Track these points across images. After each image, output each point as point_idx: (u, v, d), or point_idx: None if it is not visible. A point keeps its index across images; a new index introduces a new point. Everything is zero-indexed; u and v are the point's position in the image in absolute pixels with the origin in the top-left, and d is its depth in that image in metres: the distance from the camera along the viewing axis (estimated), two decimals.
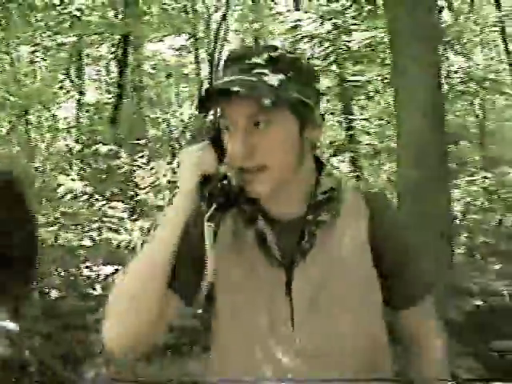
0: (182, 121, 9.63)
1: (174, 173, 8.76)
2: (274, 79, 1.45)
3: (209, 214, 1.48)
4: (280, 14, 12.30)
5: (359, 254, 1.56)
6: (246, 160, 1.46)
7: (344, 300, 1.53)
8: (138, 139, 9.33)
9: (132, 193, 8.58)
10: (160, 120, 9.92)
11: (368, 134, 9.12)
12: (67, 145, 9.40)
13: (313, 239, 1.54)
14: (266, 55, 1.49)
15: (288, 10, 14.36)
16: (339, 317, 1.53)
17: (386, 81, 8.28)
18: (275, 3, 16.01)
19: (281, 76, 1.46)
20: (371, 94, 7.96)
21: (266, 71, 1.46)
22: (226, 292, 1.56)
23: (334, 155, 8.95)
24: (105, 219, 7.60)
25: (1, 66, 11.79)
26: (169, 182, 8.23)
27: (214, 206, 1.49)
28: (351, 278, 1.54)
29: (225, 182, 1.50)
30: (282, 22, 9.41)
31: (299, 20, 8.58)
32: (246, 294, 1.55)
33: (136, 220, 7.94)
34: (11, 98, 11.16)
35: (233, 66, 1.49)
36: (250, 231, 1.56)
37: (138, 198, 8.41)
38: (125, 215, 7.80)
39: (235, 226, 1.59)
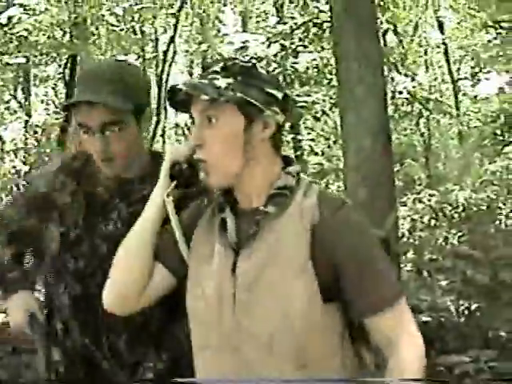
0: None
1: None
2: (222, 82, 1.72)
3: (168, 190, 1.87)
4: (227, 35, 12.40)
5: (295, 248, 1.70)
6: (198, 152, 1.76)
7: (275, 287, 1.70)
8: None
9: None
10: None
11: (316, 153, 9.21)
12: (14, 166, 9.29)
13: (257, 227, 1.74)
14: (221, 64, 1.78)
15: (236, 32, 14.49)
16: (270, 302, 1.70)
17: (332, 101, 8.41)
18: (223, 24, 16.11)
19: (230, 80, 1.73)
20: (318, 114, 8.06)
21: (218, 76, 1.74)
22: (193, 264, 1.84)
23: None
24: None
25: None
26: None
27: (174, 183, 1.87)
28: (284, 269, 1.70)
29: (185, 166, 1.87)
30: (230, 42, 9.48)
31: (247, 41, 8.68)
32: (205, 269, 1.80)
33: None
34: None
35: (201, 74, 1.83)
36: (217, 218, 1.82)
37: None
38: None
39: (211, 212, 1.86)
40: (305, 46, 7.01)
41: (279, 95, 1.76)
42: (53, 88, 15.37)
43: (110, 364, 2.27)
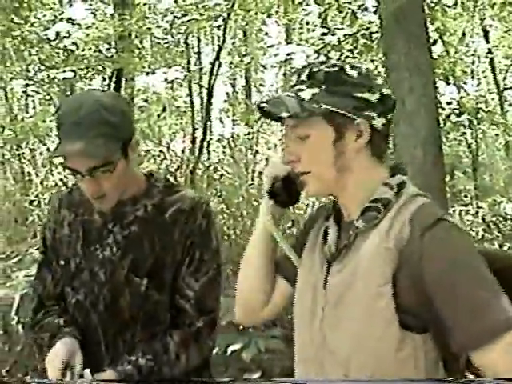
0: (175, 154, 9.64)
1: None
2: (307, 93, 1.66)
3: (267, 207, 1.92)
4: (271, 46, 12.38)
5: (375, 269, 1.61)
6: (293, 166, 1.74)
7: (355, 307, 1.64)
8: None
9: None
10: (155, 153, 9.92)
11: None
12: (61, 179, 9.39)
13: (349, 242, 1.68)
14: (307, 71, 1.71)
15: (279, 43, 14.48)
16: (350, 321, 1.65)
17: None
18: (269, 36, 16.12)
19: (315, 89, 1.66)
20: None
21: (303, 86, 1.68)
22: (300, 273, 1.86)
23: None
24: None
25: None
26: None
27: (272, 201, 1.90)
28: (363, 290, 1.63)
29: (285, 182, 1.84)
30: (275, 54, 9.47)
31: (292, 53, 8.64)
32: (307, 278, 1.81)
33: None
34: (5, 132, 11.16)
35: (291, 84, 1.77)
36: (324, 226, 1.83)
37: None
38: None
39: (321, 222, 1.87)
40: (354, 58, 6.96)
41: (373, 98, 1.67)
42: None
43: None
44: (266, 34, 16.11)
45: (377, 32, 6.49)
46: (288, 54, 8.81)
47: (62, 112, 2.08)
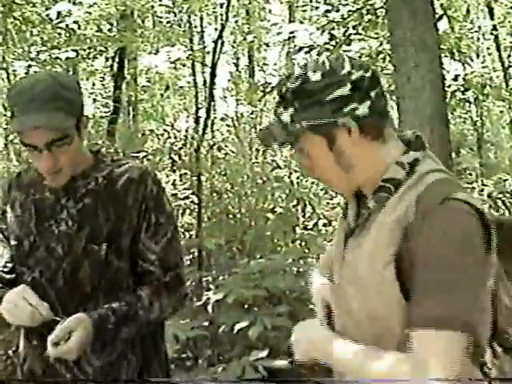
0: (179, 133, 9.62)
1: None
2: (286, 116, 1.69)
3: None
4: (275, 25, 12.31)
5: (382, 247, 1.61)
6: (314, 175, 1.82)
7: (362, 285, 1.67)
8: (136, 152, 9.31)
9: None
10: (159, 132, 9.89)
11: None
12: None
13: (363, 221, 1.71)
14: (279, 93, 1.73)
15: (282, 21, 14.39)
16: (354, 294, 1.70)
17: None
18: (272, 14, 16.03)
19: (290, 110, 1.68)
20: None
21: (281, 109, 1.71)
22: (333, 247, 1.94)
23: None
24: None
25: None
26: None
27: None
28: (369, 267, 1.64)
29: None
30: (278, 33, 9.40)
31: (295, 31, 8.58)
32: (335, 252, 1.88)
33: None
34: (8, 114, 11.11)
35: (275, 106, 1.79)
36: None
37: None
38: None
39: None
40: (358, 34, 6.91)
41: (346, 91, 1.63)
42: (101, 81, 15.44)
43: (71, 373, 2.28)
44: (270, 11, 16.00)
45: (382, 8, 6.45)
46: (291, 33, 8.74)
47: (17, 91, 2.13)
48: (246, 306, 5.37)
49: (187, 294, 2.43)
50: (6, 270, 2.36)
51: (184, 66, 15.23)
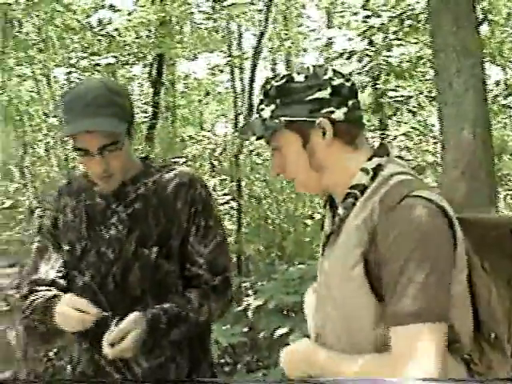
0: (219, 139, 9.65)
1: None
2: (267, 112, 1.77)
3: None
4: (313, 31, 12.31)
5: (350, 252, 1.65)
6: (284, 176, 1.85)
7: (335, 290, 1.72)
8: (176, 157, 9.37)
9: None
10: (199, 138, 9.94)
11: (409, 149, 9.08)
12: None
13: (335, 228, 1.74)
14: (263, 90, 1.81)
15: (319, 27, 14.39)
16: (328, 297, 1.75)
17: (424, 95, 8.23)
18: (310, 19, 16.02)
19: (272, 106, 1.76)
20: (414, 109, 7.89)
21: (263, 106, 1.78)
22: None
23: None
24: None
25: (39, 88, 11.91)
26: None
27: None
28: (340, 272, 1.69)
29: None
30: (317, 39, 9.40)
31: (334, 37, 8.56)
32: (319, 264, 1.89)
33: None
34: (49, 120, 11.26)
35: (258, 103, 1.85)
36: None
37: None
38: None
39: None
40: (399, 39, 6.87)
41: (325, 94, 1.72)
42: (139, 87, 15.58)
43: (121, 373, 2.31)
44: (309, 17, 16.02)
45: (423, 13, 6.41)
46: (330, 38, 8.73)
47: (71, 96, 2.16)
48: (285, 312, 5.35)
49: (234, 297, 2.44)
50: (60, 275, 2.39)
51: (221, 71, 15.32)
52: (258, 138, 1.83)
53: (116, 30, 10.01)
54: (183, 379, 2.31)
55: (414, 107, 7.68)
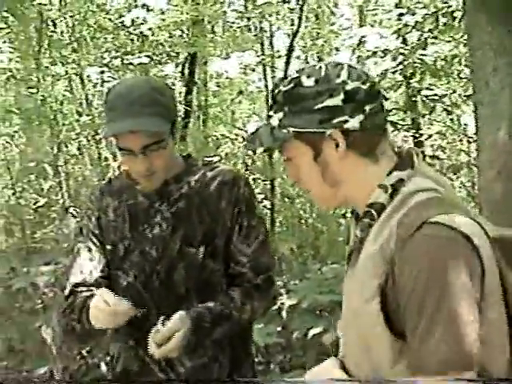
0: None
1: None
2: (275, 119, 1.64)
3: None
4: (346, 29, 12.25)
5: (365, 279, 1.53)
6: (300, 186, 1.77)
7: (353, 312, 1.61)
8: (209, 156, 9.39)
9: None
10: (232, 137, 9.96)
11: (443, 148, 8.99)
12: None
13: (354, 248, 1.64)
14: (272, 95, 1.69)
15: (351, 26, 14.31)
16: (349, 324, 1.66)
17: (457, 94, 8.16)
18: (344, 18, 15.95)
19: (280, 114, 1.62)
20: (449, 107, 7.81)
21: (272, 112, 1.66)
22: None
23: None
24: None
25: (72, 87, 12.00)
26: None
27: None
28: (356, 300, 1.57)
29: None
30: (350, 37, 9.35)
31: (366, 35, 8.50)
32: None
33: None
34: (81, 119, 11.33)
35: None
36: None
37: None
38: None
39: None
40: (434, 37, 6.81)
41: (337, 101, 1.56)
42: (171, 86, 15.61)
43: (164, 373, 2.31)
44: (343, 15, 15.93)
45: (458, 10, 6.34)
46: (362, 37, 8.67)
47: (114, 96, 2.18)
48: (318, 312, 5.34)
49: (277, 296, 2.45)
50: (103, 275, 2.40)
51: (253, 70, 15.31)
52: (266, 150, 1.74)
53: (150, 29, 10.05)
54: (224, 379, 2.32)
55: (449, 106, 7.59)
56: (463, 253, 1.43)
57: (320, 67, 1.63)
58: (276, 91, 1.65)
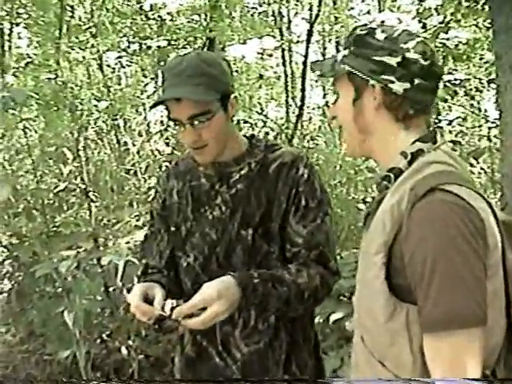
0: (274, 123, 9.65)
1: None
2: (340, 55, 1.80)
3: None
4: (364, 14, 12.19)
5: (377, 239, 1.60)
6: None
7: (361, 270, 1.72)
8: None
9: None
10: (253, 121, 9.96)
11: (463, 134, 8.95)
12: (157, 148, 9.51)
13: (371, 210, 1.74)
14: (349, 33, 1.83)
15: (368, 11, 14.25)
16: (359, 284, 1.74)
17: (478, 78, 8.10)
18: (363, 3, 15.89)
19: (345, 51, 1.78)
20: (471, 92, 7.77)
21: (341, 48, 1.85)
22: None
23: None
24: None
25: (89, 72, 12.03)
26: None
27: None
28: (365, 253, 1.68)
29: None
30: (369, 22, 9.30)
31: (385, 20, 8.46)
32: None
33: None
34: (100, 104, 11.35)
35: None
36: None
37: None
38: None
39: None
40: (457, 21, 6.76)
41: (393, 61, 1.67)
42: None
43: (221, 358, 2.30)
44: (363, 0, 15.86)
45: None
46: (382, 22, 8.63)
47: (167, 67, 2.26)
48: (340, 297, 5.34)
49: (338, 271, 2.39)
50: (168, 256, 2.47)
51: (271, 56, 15.27)
52: (321, 75, 1.83)
53: (168, 13, 10.05)
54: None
55: (471, 90, 7.55)
56: (469, 217, 1.48)
57: (396, 29, 1.76)
58: (352, 31, 1.80)
